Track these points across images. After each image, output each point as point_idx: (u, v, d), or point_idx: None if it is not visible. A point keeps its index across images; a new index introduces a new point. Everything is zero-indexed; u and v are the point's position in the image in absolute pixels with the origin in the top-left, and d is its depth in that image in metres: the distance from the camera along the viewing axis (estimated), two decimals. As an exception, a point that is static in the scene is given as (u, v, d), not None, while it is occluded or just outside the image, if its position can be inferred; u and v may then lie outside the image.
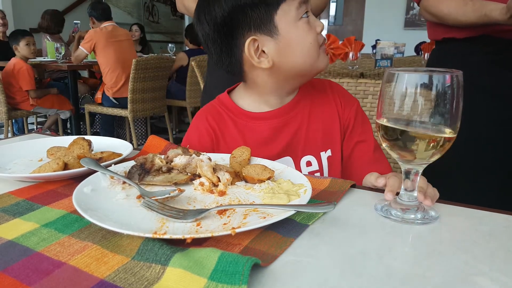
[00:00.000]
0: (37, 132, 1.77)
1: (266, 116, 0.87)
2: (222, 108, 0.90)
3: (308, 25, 0.78)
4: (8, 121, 3.35)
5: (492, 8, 0.99)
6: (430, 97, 0.51)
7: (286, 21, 0.76)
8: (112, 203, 0.56)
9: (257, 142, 0.85)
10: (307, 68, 0.80)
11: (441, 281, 0.40)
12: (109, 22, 3.54)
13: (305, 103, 0.89)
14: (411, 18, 5.89)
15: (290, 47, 0.77)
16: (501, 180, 1.12)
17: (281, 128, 0.87)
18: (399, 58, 2.92)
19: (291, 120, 0.87)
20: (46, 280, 0.39)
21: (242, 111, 0.88)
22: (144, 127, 4.13)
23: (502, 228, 0.52)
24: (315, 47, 0.78)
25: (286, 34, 0.77)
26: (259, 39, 0.77)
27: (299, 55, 0.78)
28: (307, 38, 0.77)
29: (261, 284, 0.39)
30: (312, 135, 0.88)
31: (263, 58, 0.78)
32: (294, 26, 0.77)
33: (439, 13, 1.13)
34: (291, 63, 0.79)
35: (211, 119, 0.89)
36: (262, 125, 0.87)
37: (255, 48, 0.78)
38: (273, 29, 0.76)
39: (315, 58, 0.79)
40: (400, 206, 0.56)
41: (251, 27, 0.76)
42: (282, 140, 0.86)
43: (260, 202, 0.57)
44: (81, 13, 6.21)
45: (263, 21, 0.76)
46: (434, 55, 1.27)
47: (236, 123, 0.88)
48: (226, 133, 0.88)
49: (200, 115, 0.92)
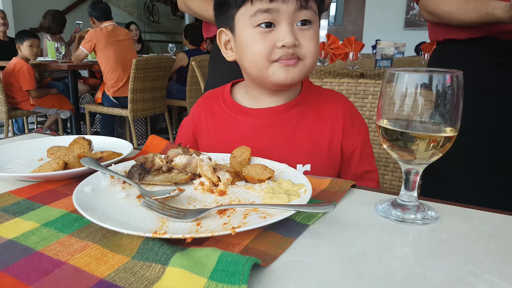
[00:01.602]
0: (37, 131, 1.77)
1: (253, 113, 0.85)
2: (219, 97, 0.91)
3: (261, 35, 0.74)
4: (8, 120, 3.36)
5: (494, 6, 0.96)
6: (430, 97, 0.51)
7: (242, 23, 0.77)
8: (112, 203, 0.56)
9: (235, 137, 0.84)
10: (254, 75, 0.80)
11: (441, 281, 0.40)
12: (109, 22, 3.55)
13: (297, 110, 0.85)
14: (411, 18, 5.89)
15: (240, 49, 0.79)
16: (501, 180, 1.12)
17: (262, 128, 0.84)
18: (399, 58, 2.92)
19: (275, 123, 0.84)
20: (46, 279, 0.39)
21: (234, 103, 0.88)
22: (144, 127, 4.13)
23: (502, 228, 0.52)
24: (262, 58, 0.75)
25: (239, 35, 0.78)
26: (226, 32, 0.82)
27: (245, 59, 0.79)
28: (253, 47, 0.75)
29: (261, 284, 0.39)
30: (294, 144, 0.84)
31: (230, 51, 0.83)
32: (246, 31, 0.76)
33: (439, 12, 1.11)
34: (243, 65, 0.82)
35: (204, 105, 0.92)
36: (242, 120, 0.86)
37: (226, 40, 0.83)
38: (233, 27, 0.79)
39: (262, 69, 0.76)
40: (400, 206, 0.56)
41: (223, 20, 0.82)
42: (259, 141, 0.83)
43: (260, 202, 0.57)
44: (81, 13, 6.21)
45: (228, 18, 0.80)
46: (435, 56, 1.27)
47: (224, 113, 0.88)
48: (210, 121, 0.90)
49: (201, 98, 0.96)
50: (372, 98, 1.30)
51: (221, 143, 0.88)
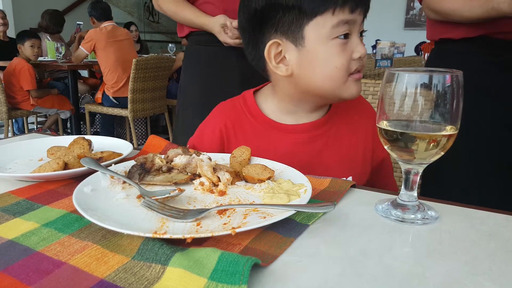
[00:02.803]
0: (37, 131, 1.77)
1: (291, 129, 0.80)
2: (243, 109, 0.83)
3: (341, 47, 0.70)
4: (8, 120, 3.36)
5: (500, 1, 0.95)
6: (430, 97, 0.51)
7: (316, 35, 0.70)
8: (112, 203, 0.56)
9: (274, 155, 0.76)
10: (327, 91, 0.74)
11: (441, 281, 0.40)
12: (109, 22, 3.55)
13: (333, 123, 0.82)
14: (411, 18, 5.89)
15: (312, 64, 0.72)
16: (501, 180, 1.12)
17: (304, 145, 0.80)
18: (399, 58, 2.92)
19: (316, 139, 0.81)
20: (46, 279, 0.39)
21: (265, 118, 0.81)
22: (144, 127, 4.13)
23: (502, 228, 0.52)
24: (341, 73, 0.71)
25: (312, 49, 0.71)
26: (282, 44, 0.72)
27: (320, 75, 0.72)
28: (334, 61, 0.70)
29: (261, 284, 0.39)
30: (336, 158, 0.81)
31: (282, 65, 0.74)
32: (324, 44, 0.70)
33: (443, 10, 1.09)
34: (310, 81, 0.73)
35: (229, 121, 0.82)
36: (284, 138, 0.80)
37: (277, 51, 0.73)
38: (299, 39, 0.71)
39: (339, 85, 0.72)
40: (400, 206, 0.56)
41: (278, 29, 0.72)
42: (301, 158, 0.79)
43: (260, 202, 0.57)
44: (81, 13, 6.21)
45: (292, 28, 0.71)
46: (433, 56, 1.27)
47: (255, 129, 0.81)
48: (240, 138, 0.81)
49: (219, 112, 0.86)
50: (372, 98, 1.30)
51: None
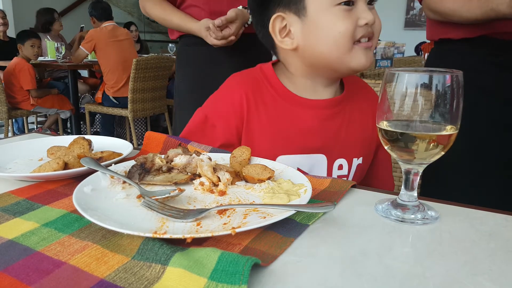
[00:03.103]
0: (37, 131, 1.77)
1: (313, 104, 0.79)
2: (264, 83, 0.81)
3: (345, 13, 0.70)
4: (8, 120, 3.36)
5: (499, 2, 0.95)
6: (430, 97, 0.51)
7: (318, 3, 0.70)
8: (112, 203, 0.56)
9: (296, 130, 0.76)
10: (334, 60, 0.73)
11: (441, 281, 0.40)
12: (109, 22, 3.55)
13: (347, 103, 0.83)
14: (411, 18, 5.89)
15: (316, 33, 0.71)
16: (500, 180, 1.12)
17: (327, 121, 0.80)
18: (399, 58, 2.92)
19: (336, 116, 0.80)
20: (46, 279, 0.39)
21: (288, 91, 0.80)
22: (144, 127, 4.13)
23: (502, 228, 0.52)
24: (346, 39, 0.70)
25: (315, 17, 0.70)
26: (286, 18, 0.72)
27: (324, 43, 0.71)
28: (337, 26, 0.70)
29: (261, 284, 0.39)
30: (351, 138, 0.82)
31: (288, 38, 0.74)
32: (326, 10, 0.70)
33: (443, 10, 1.10)
34: (316, 51, 0.73)
35: (250, 93, 0.79)
36: (306, 113, 0.79)
37: (282, 26, 0.73)
38: (301, 9, 0.71)
39: (344, 52, 0.71)
40: (400, 206, 0.56)
41: (281, 2, 0.72)
42: (323, 135, 0.79)
43: (260, 202, 0.57)
44: (81, 13, 6.21)
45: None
46: (432, 56, 1.27)
47: (277, 103, 0.79)
48: (262, 112, 0.78)
49: (237, 83, 0.83)
50: (372, 98, 1.30)
51: (281, 138, 0.79)
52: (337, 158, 0.82)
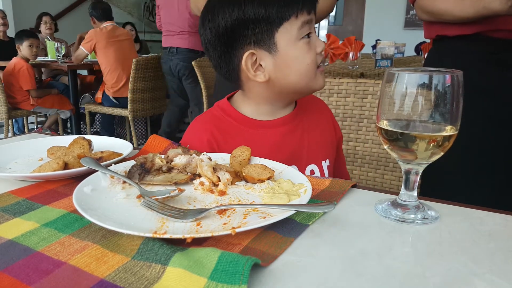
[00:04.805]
0: (37, 131, 1.77)
1: (272, 124, 0.87)
2: (224, 117, 0.88)
3: (308, 46, 0.79)
4: (8, 120, 3.36)
5: (491, 0, 0.96)
6: (430, 97, 0.51)
7: (286, 39, 0.77)
8: (112, 203, 0.56)
9: (263, 149, 0.83)
10: (302, 86, 0.82)
11: (441, 281, 0.40)
12: (109, 22, 3.55)
13: (302, 116, 0.92)
14: (411, 18, 5.89)
15: (287, 65, 0.79)
16: (500, 180, 1.12)
17: (288, 134, 0.88)
18: (399, 58, 2.92)
19: (295, 129, 0.89)
20: (46, 279, 0.39)
21: (247, 118, 0.87)
22: (144, 127, 4.13)
23: (502, 228, 0.52)
24: (312, 68, 0.80)
25: (285, 52, 0.78)
26: (257, 53, 0.79)
27: (295, 73, 0.79)
28: (305, 58, 0.78)
29: (261, 284, 0.39)
30: (313, 144, 0.90)
31: (260, 72, 0.80)
32: (294, 45, 0.78)
33: (436, 10, 1.11)
34: (287, 80, 0.80)
35: (215, 130, 0.86)
36: (268, 133, 0.87)
37: (253, 61, 0.79)
38: (272, 46, 0.78)
39: (311, 78, 0.81)
40: (400, 206, 0.56)
41: (251, 41, 0.78)
42: (288, 148, 0.87)
43: (260, 202, 0.57)
44: (81, 13, 6.21)
45: (264, 37, 0.77)
46: (431, 54, 1.27)
47: (240, 131, 0.87)
48: (231, 142, 0.85)
49: (201, 124, 0.90)
50: (372, 98, 1.30)
51: None
52: (306, 165, 0.89)
